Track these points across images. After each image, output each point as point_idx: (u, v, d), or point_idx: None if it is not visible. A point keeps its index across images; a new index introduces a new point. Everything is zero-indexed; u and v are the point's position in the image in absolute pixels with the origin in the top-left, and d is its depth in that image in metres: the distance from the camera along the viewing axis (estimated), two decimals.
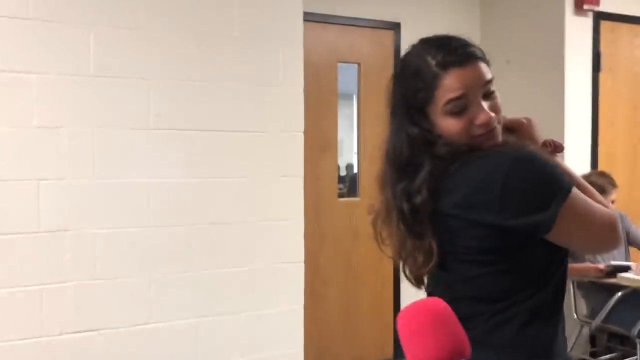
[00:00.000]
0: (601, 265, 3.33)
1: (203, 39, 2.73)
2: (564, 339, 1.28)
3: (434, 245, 1.21)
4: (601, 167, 3.87)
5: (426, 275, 1.30)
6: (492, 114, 1.19)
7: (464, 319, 1.19)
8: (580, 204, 1.16)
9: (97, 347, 2.52)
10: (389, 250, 1.33)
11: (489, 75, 1.20)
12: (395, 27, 3.97)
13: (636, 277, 3.25)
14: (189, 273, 2.71)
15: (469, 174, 1.17)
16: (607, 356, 3.72)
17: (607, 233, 1.21)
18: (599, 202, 1.23)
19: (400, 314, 1.15)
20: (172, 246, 2.68)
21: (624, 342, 3.68)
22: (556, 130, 3.70)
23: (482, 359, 1.18)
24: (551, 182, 1.14)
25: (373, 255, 3.97)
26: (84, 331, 2.49)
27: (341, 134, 3.90)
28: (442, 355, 1.10)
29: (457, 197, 1.18)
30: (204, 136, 2.74)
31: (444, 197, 1.19)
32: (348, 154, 4.17)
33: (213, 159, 2.76)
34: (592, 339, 3.85)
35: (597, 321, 3.38)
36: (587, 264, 3.41)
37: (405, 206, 1.21)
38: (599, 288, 3.46)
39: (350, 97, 4.12)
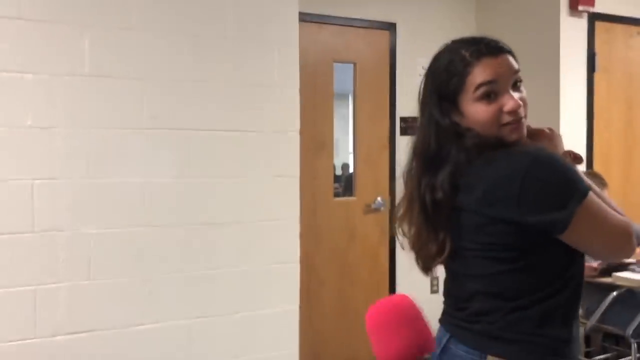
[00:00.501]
0: (595, 264, 3.34)
1: (198, 40, 2.73)
2: (578, 342, 1.31)
3: (448, 239, 1.26)
4: (596, 167, 3.88)
5: (436, 266, 1.35)
6: (521, 103, 1.25)
7: (481, 314, 1.26)
8: (596, 208, 1.19)
9: (90, 348, 2.50)
10: (406, 243, 1.38)
11: (517, 66, 1.27)
12: (390, 27, 3.98)
13: (631, 276, 3.26)
14: (183, 273, 2.70)
15: (491, 171, 1.21)
16: (602, 356, 3.73)
17: (621, 240, 1.23)
18: (614, 209, 1.25)
19: (369, 309, 1.19)
20: (167, 246, 2.67)
21: (619, 342, 3.69)
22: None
23: (499, 352, 1.23)
24: (569, 184, 1.18)
25: (369, 255, 3.98)
26: (78, 332, 2.48)
27: (337, 134, 3.90)
28: (404, 348, 1.13)
29: (478, 193, 1.22)
30: (198, 136, 2.73)
31: (466, 192, 1.23)
32: (344, 153, 4.17)
33: (208, 159, 2.75)
34: (587, 339, 3.86)
35: (592, 321, 3.38)
36: None
37: (428, 199, 1.26)
38: (593, 288, 3.47)
39: (345, 96, 4.12)
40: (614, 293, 3.29)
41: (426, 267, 1.37)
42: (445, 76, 1.28)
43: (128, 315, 2.58)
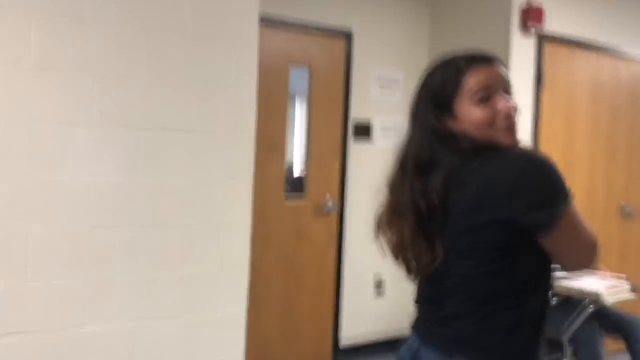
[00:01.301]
0: None
1: (152, 35, 2.66)
2: (542, 352, 1.35)
3: (441, 247, 1.28)
4: None
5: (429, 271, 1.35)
6: (514, 106, 1.32)
7: (453, 317, 1.29)
8: (577, 215, 1.26)
9: (27, 350, 2.39)
10: (388, 250, 1.40)
11: (507, 76, 1.36)
12: (347, 33, 4.01)
13: (568, 285, 3.39)
14: (128, 276, 2.62)
15: (485, 172, 1.25)
16: None
17: (593, 249, 1.29)
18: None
19: None
20: (111, 248, 2.58)
21: (554, 347, 3.82)
22: None
23: (468, 357, 1.27)
24: (558, 186, 1.23)
25: (315, 257, 3.98)
26: (14, 333, 2.37)
27: (289, 136, 3.90)
28: None
29: (470, 193, 1.25)
30: (149, 135, 2.66)
31: (457, 192, 1.26)
32: (295, 156, 4.17)
33: (158, 158, 2.68)
34: None
35: None
36: None
37: (423, 204, 1.28)
38: None
39: (299, 99, 4.13)
40: (553, 299, 3.41)
41: (417, 274, 1.38)
42: (441, 83, 1.34)
43: (67, 317, 2.48)
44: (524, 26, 3.85)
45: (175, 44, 2.70)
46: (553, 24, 4.00)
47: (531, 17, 3.82)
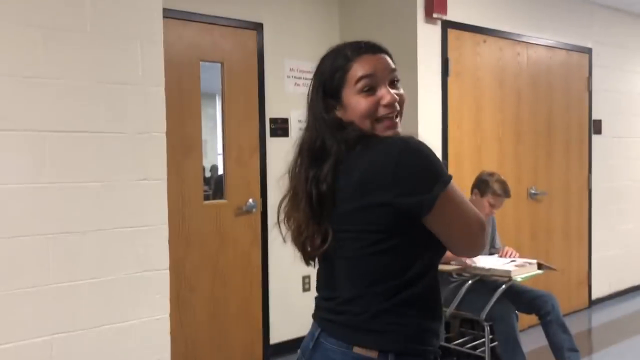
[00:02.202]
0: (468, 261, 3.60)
1: (50, 33, 2.52)
2: (437, 333, 1.38)
3: (330, 230, 1.33)
4: (450, 163, 4.17)
5: (319, 256, 1.40)
6: (397, 97, 1.35)
7: (347, 303, 1.33)
8: (458, 196, 1.29)
9: None
10: (288, 237, 1.44)
11: (394, 66, 1.39)
12: (257, 27, 3.97)
13: (483, 266, 3.54)
14: (40, 287, 2.48)
15: (367, 157, 1.29)
16: (460, 340, 4.02)
17: (478, 230, 1.31)
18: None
19: None
20: (19, 259, 2.44)
21: (474, 326, 4.00)
22: (410, 131, 3.92)
23: (364, 343, 1.30)
24: (435, 170, 1.27)
25: (241, 257, 3.94)
26: None
27: (205, 135, 3.81)
28: None
29: (355, 178, 1.29)
30: (54, 138, 2.53)
31: (344, 177, 1.30)
32: (212, 155, 4.09)
33: (65, 162, 2.55)
34: (447, 326, 4.13)
35: (451, 309, 3.63)
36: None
37: (314, 192, 1.33)
38: (451, 278, 3.73)
39: (213, 96, 4.04)
40: (469, 282, 3.56)
41: (310, 258, 1.42)
42: (329, 73, 1.37)
43: None
44: (429, 15, 3.96)
45: (76, 44, 2.57)
46: (457, 12, 4.15)
47: (435, 5, 3.94)
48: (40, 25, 2.49)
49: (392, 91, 1.35)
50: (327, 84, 1.37)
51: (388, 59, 1.39)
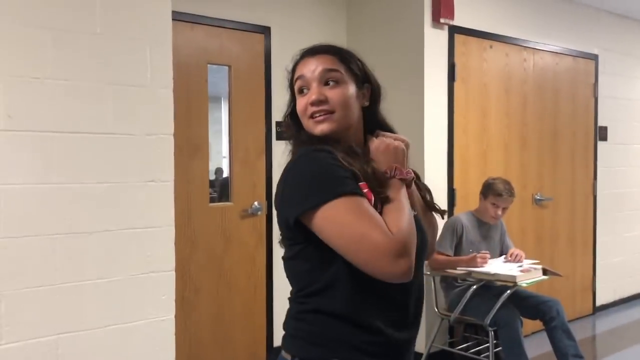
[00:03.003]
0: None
1: (59, 35, 2.54)
2: (363, 348, 1.28)
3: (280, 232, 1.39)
4: (456, 168, 4.17)
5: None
6: (321, 96, 1.34)
7: (289, 308, 1.40)
8: (351, 213, 1.19)
9: None
10: None
11: (331, 65, 1.37)
12: (265, 30, 3.99)
13: (488, 271, 3.54)
14: (46, 287, 2.50)
15: (284, 169, 1.34)
16: (464, 345, 4.01)
17: (373, 253, 1.17)
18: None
19: None
20: (26, 259, 2.45)
21: (478, 331, 3.99)
22: (417, 135, 3.93)
23: (288, 349, 1.35)
24: (315, 185, 1.24)
25: (245, 260, 3.94)
26: None
27: (211, 138, 3.83)
28: None
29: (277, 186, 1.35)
30: (62, 139, 2.54)
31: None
32: (217, 158, 4.10)
33: (72, 163, 2.57)
34: (451, 330, 4.13)
35: (455, 313, 3.63)
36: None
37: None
38: (456, 283, 3.73)
39: (219, 99, 4.06)
40: (474, 287, 3.56)
41: None
42: (290, 74, 1.44)
43: None
44: (437, 19, 3.97)
45: (85, 45, 2.59)
46: (464, 18, 4.16)
47: (443, 10, 3.95)
48: (49, 27, 2.51)
49: (323, 89, 1.35)
50: (289, 84, 1.44)
51: (328, 59, 1.38)
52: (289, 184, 1.29)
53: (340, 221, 1.20)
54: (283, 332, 1.41)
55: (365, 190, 1.26)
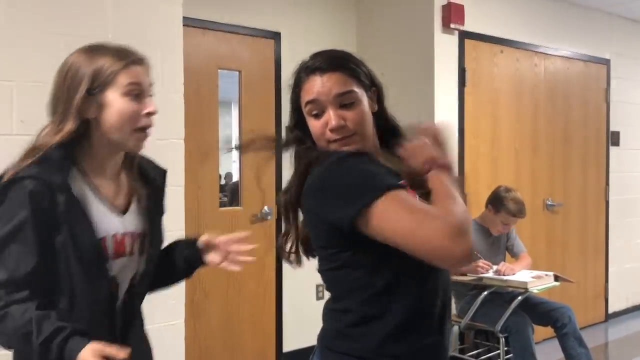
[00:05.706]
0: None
1: (73, 41, 2.53)
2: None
3: (295, 235, 1.39)
4: (467, 175, 4.15)
5: (293, 257, 1.46)
6: (341, 122, 1.29)
7: (323, 317, 1.37)
8: (404, 203, 1.19)
9: None
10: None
11: (345, 88, 1.31)
12: (275, 36, 4.00)
13: (499, 277, 3.52)
14: None
15: (310, 177, 1.31)
16: (475, 352, 3.99)
17: (443, 241, 1.13)
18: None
19: None
20: None
21: (489, 337, 3.97)
22: None
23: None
24: (359, 184, 1.22)
25: (255, 265, 3.93)
26: None
27: (221, 142, 3.84)
28: None
29: (306, 196, 1.31)
30: None
31: (303, 196, 1.32)
32: (227, 162, 4.11)
33: None
34: (461, 337, 4.11)
35: (466, 320, 3.61)
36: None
37: (282, 200, 1.38)
38: (467, 289, 3.71)
39: (229, 104, 4.07)
40: (485, 293, 3.53)
41: (293, 260, 1.46)
42: (292, 87, 1.37)
43: None
44: (447, 25, 3.96)
45: None
46: (474, 23, 4.15)
47: (453, 15, 3.95)
48: (62, 32, 2.53)
49: (341, 112, 1.30)
50: (293, 101, 1.38)
51: (339, 78, 1.31)
52: (330, 188, 1.24)
53: (395, 213, 1.18)
54: (319, 345, 1.39)
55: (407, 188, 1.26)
